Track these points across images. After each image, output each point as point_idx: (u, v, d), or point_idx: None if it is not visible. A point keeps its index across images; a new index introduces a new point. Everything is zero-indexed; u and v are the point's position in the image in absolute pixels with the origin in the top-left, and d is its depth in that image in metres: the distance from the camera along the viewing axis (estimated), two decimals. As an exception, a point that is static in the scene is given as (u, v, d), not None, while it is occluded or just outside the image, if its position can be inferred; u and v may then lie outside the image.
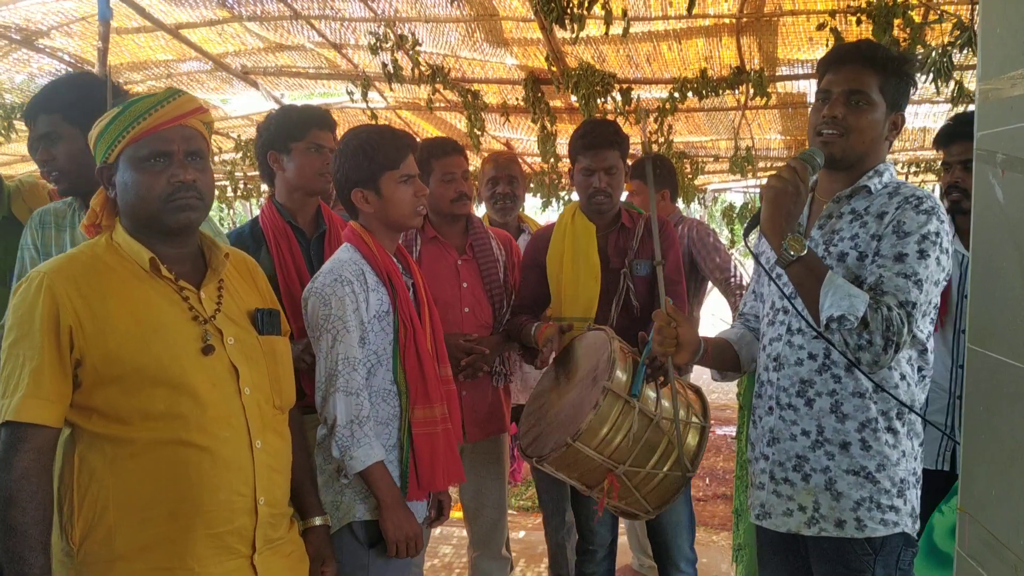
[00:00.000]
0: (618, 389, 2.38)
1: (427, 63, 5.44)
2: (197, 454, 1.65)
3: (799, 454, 2.04)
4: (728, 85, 5.35)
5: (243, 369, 1.75)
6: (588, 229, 2.94)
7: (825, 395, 2.00)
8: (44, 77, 5.97)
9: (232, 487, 1.68)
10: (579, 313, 2.88)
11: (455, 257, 3.07)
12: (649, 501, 2.49)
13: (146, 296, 1.70)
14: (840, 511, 1.98)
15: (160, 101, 1.72)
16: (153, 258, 1.72)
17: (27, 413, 1.58)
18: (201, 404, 1.66)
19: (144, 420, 1.63)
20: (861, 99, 1.97)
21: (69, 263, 1.70)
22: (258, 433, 1.74)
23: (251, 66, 5.96)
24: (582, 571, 3.01)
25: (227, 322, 1.77)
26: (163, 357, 1.65)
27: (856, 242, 1.96)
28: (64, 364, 1.62)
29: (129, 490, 1.63)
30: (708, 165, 8.47)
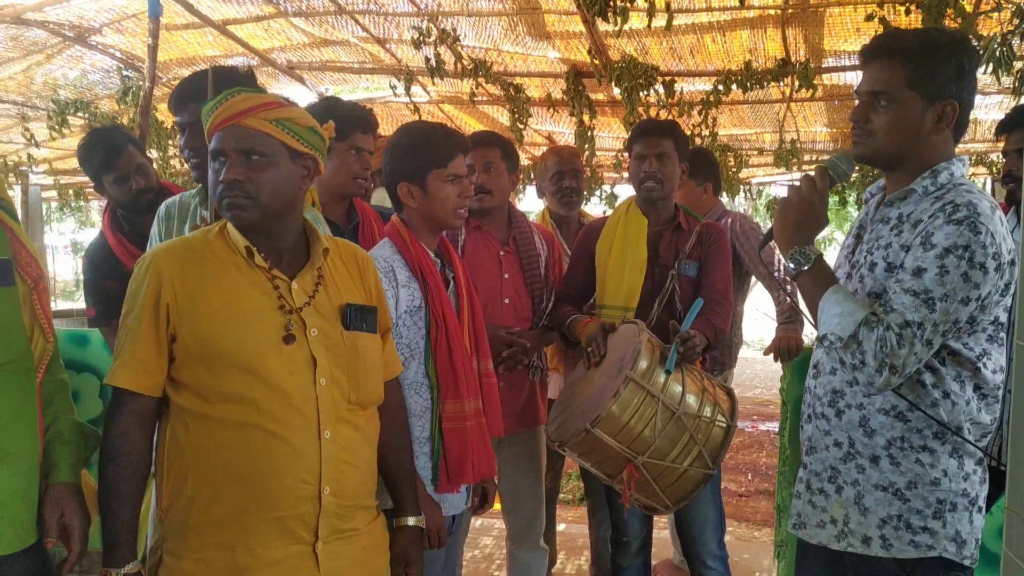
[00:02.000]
0: (640, 379, 2.38)
1: (469, 57, 5.46)
2: (266, 438, 1.69)
3: (833, 465, 1.97)
4: (773, 77, 5.28)
5: (321, 360, 1.78)
6: (640, 222, 2.94)
7: (854, 408, 1.92)
8: (96, 73, 6.13)
9: (297, 474, 1.71)
10: (619, 303, 2.88)
11: (498, 248, 3.08)
12: (668, 495, 2.49)
13: (239, 283, 1.77)
14: (867, 527, 1.89)
15: (219, 101, 1.77)
16: (248, 246, 1.78)
17: (121, 379, 1.71)
18: (275, 391, 1.71)
19: (221, 401, 1.70)
20: (883, 98, 1.86)
21: (179, 246, 1.81)
22: (328, 424, 1.76)
23: (296, 61, 6.04)
24: (617, 563, 3.02)
25: (314, 314, 1.80)
26: (245, 342, 1.71)
27: (888, 251, 1.87)
28: (161, 338, 1.72)
29: (204, 466, 1.70)
30: (752, 158, 8.37)
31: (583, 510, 5.11)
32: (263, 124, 1.76)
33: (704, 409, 2.47)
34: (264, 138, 1.76)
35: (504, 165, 3.08)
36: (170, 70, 6.07)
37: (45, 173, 8.94)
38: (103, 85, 6.38)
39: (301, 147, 1.80)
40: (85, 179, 10.08)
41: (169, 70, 6.06)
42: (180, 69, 6.10)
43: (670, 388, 2.43)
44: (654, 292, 2.87)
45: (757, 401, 9.61)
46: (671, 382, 2.44)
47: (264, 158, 1.76)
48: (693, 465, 2.45)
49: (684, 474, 2.46)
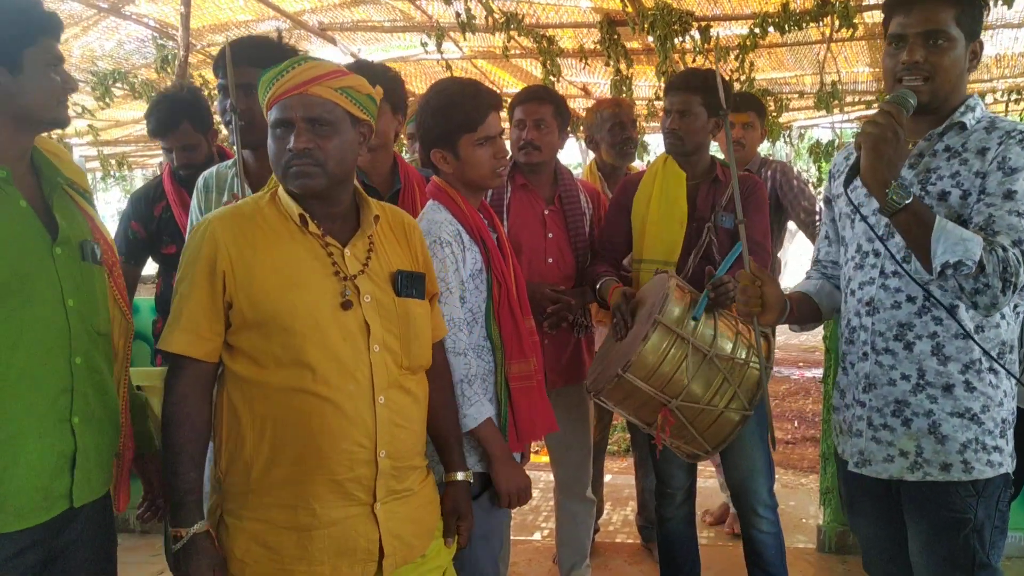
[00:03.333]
0: (669, 323, 2.39)
1: (500, 10, 5.41)
2: (320, 404, 1.72)
3: (899, 399, 2.00)
4: (812, 18, 5.16)
5: (375, 327, 1.80)
6: (679, 176, 2.91)
7: (926, 337, 1.95)
8: (132, 43, 6.18)
9: (352, 438, 1.74)
10: (660, 256, 2.87)
11: (543, 207, 3.08)
12: (707, 439, 2.50)
13: (293, 250, 1.78)
14: (946, 454, 1.94)
15: (282, 70, 1.76)
16: (302, 214, 1.79)
17: (178, 345, 1.74)
18: (330, 357, 1.73)
19: (277, 366, 1.72)
20: (941, 37, 1.87)
21: (233, 213, 1.82)
22: (382, 389, 1.79)
23: (328, 22, 6.03)
24: (662, 514, 3.04)
25: (367, 281, 1.82)
26: (298, 308, 1.73)
27: (958, 180, 1.89)
28: (217, 305, 1.74)
29: (261, 430, 1.74)
30: (793, 102, 8.21)
31: (629, 461, 5.17)
32: (329, 92, 1.77)
33: (738, 351, 2.47)
34: (331, 106, 1.77)
35: (555, 123, 3.07)
36: (203, 36, 6.10)
37: (88, 144, 9.07)
38: (139, 54, 6.44)
39: (362, 114, 1.83)
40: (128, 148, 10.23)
41: (203, 36, 6.09)
42: (213, 35, 6.13)
43: (701, 331, 2.43)
44: (690, 245, 2.85)
45: (803, 348, 9.56)
46: (703, 326, 2.44)
47: (330, 126, 1.77)
48: (729, 407, 2.46)
49: (721, 416, 2.47)
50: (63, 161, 1.90)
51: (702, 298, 2.46)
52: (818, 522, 3.93)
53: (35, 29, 1.72)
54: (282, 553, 1.74)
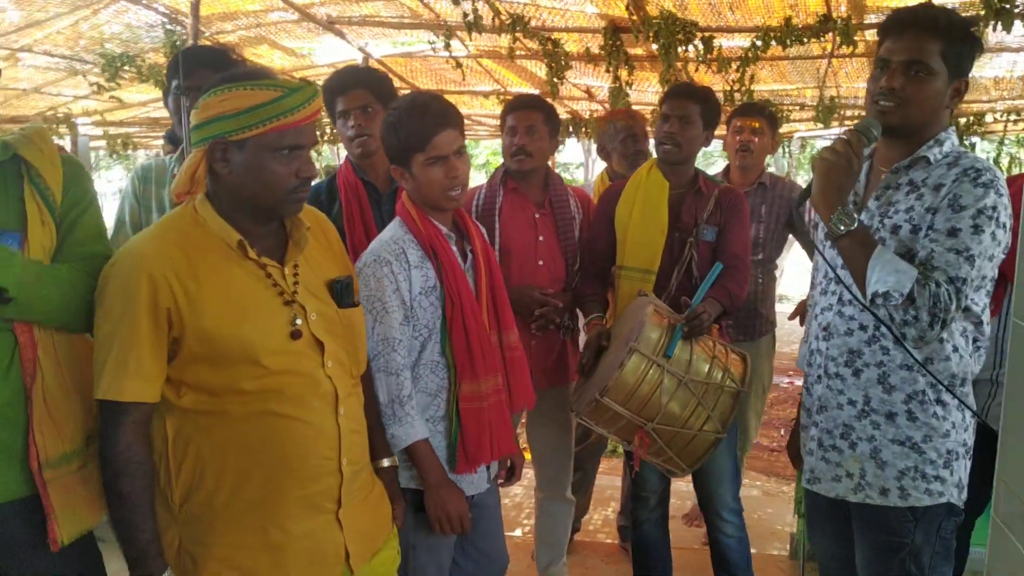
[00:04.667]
0: (646, 350, 2.46)
1: (507, 12, 5.46)
2: (288, 424, 1.74)
3: (846, 423, 2.07)
4: (813, 34, 5.21)
5: (328, 344, 1.82)
6: (662, 185, 2.96)
7: (873, 366, 2.01)
8: (141, 27, 6.22)
9: (320, 452, 1.79)
10: (641, 264, 2.92)
11: (533, 210, 3.15)
12: (682, 459, 2.57)
13: (235, 276, 1.74)
14: (884, 479, 2.01)
15: (308, 99, 1.74)
16: (241, 240, 1.75)
17: (130, 392, 1.67)
18: (290, 379, 1.75)
19: (236, 395, 1.71)
20: (921, 69, 1.91)
21: (160, 242, 1.72)
22: (342, 401, 1.83)
23: (336, 16, 6.07)
24: (636, 516, 3.12)
25: (308, 296, 1.83)
26: (254, 339, 1.71)
27: (911, 215, 1.94)
28: (161, 344, 1.68)
29: (224, 458, 1.73)
30: (794, 113, 8.27)
31: (615, 462, 5.25)
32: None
33: (713, 375, 2.54)
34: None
35: (546, 129, 3.13)
36: (212, 24, 6.14)
37: (94, 124, 9.13)
38: (149, 39, 6.48)
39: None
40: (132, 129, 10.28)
41: (211, 24, 6.13)
42: (222, 23, 6.17)
43: (678, 356, 2.50)
44: (674, 258, 2.90)
45: (792, 357, 9.61)
46: (679, 350, 2.50)
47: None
48: (703, 430, 2.53)
49: (695, 438, 2.54)
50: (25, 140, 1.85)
51: (677, 331, 2.52)
52: (792, 530, 4.01)
53: None
54: (257, 573, 1.76)
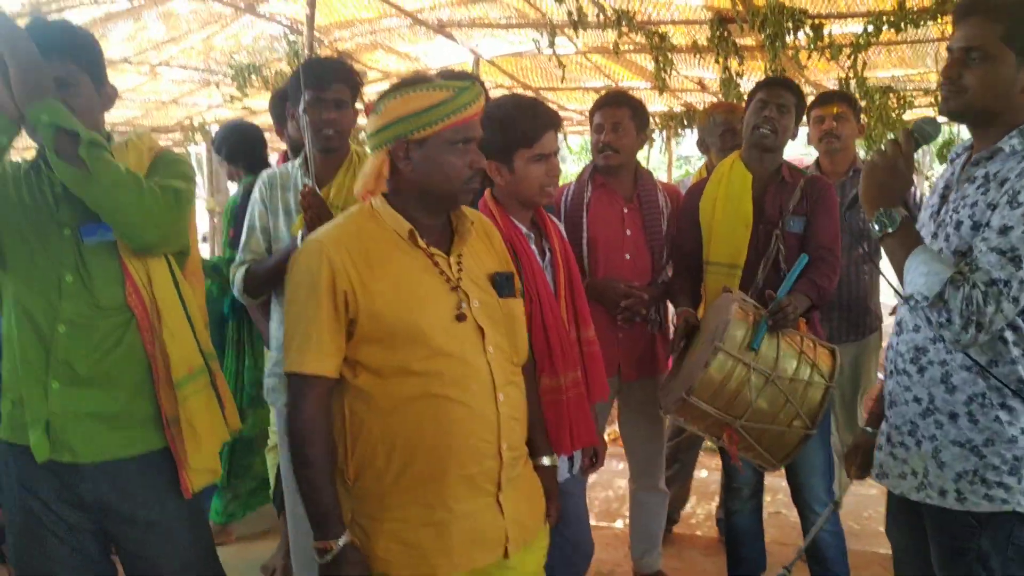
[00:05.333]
0: (731, 348, 2.47)
1: (612, 8, 5.49)
2: (451, 406, 1.84)
3: (912, 420, 2.02)
4: (930, 16, 5.01)
5: (488, 330, 1.92)
6: (744, 177, 2.96)
7: (936, 364, 1.96)
8: (266, 39, 6.60)
9: (480, 435, 1.87)
10: (726, 259, 2.93)
11: (621, 205, 3.21)
12: (772, 454, 2.57)
13: (405, 264, 1.89)
14: (944, 481, 1.95)
15: (477, 95, 1.89)
16: (412, 230, 1.90)
17: (311, 365, 1.83)
18: (454, 362, 1.86)
19: (404, 375, 1.84)
20: (977, 54, 1.86)
21: (340, 232, 1.90)
22: (501, 387, 1.91)
23: (446, 19, 6.26)
24: (728, 507, 3.13)
25: (472, 286, 1.94)
26: (421, 322, 1.84)
27: (974, 210, 1.88)
28: (340, 323, 1.84)
29: (393, 437, 1.85)
30: (918, 98, 7.91)
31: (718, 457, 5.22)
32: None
33: (801, 371, 2.53)
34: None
35: (632, 125, 3.18)
36: (330, 33, 6.44)
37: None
38: (274, 49, 6.86)
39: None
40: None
41: (329, 33, 6.43)
42: (340, 31, 6.47)
43: (764, 353, 2.50)
44: (759, 251, 2.89)
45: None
46: (765, 347, 2.50)
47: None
48: (791, 426, 2.52)
49: (784, 435, 2.54)
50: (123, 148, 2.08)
51: (761, 325, 2.52)
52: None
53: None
54: (423, 548, 1.87)
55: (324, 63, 2.68)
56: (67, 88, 1.97)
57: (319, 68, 2.63)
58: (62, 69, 1.97)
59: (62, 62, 1.98)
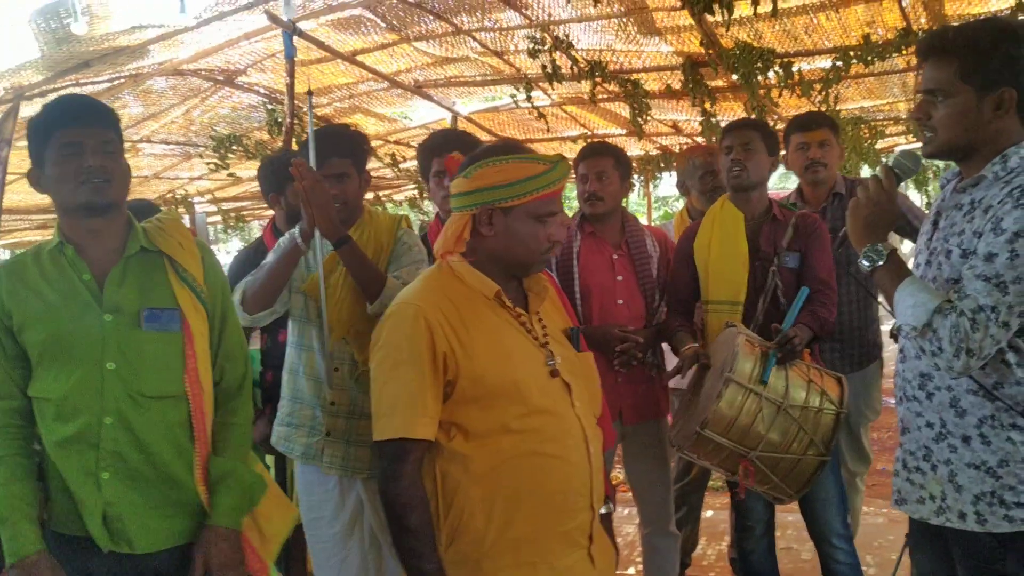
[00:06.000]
0: (741, 379, 2.50)
1: (585, 59, 5.61)
2: (551, 462, 1.86)
3: (926, 444, 2.04)
4: (895, 48, 5.16)
5: (574, 385, 1.96)
6: (737, 217, 3.02)
7: (944, 389, 1.98)
8: (245, 109, 6.67)
9: (576, 489, 1.89)
10: (727, 297, 2.96)
11: (611, 252, 3.25)
12: (788, 484, 2.59)
13: (496, 324, 1.92)
14: (962, 503, 1.96)
15: (566, 172, 1.95)
16: (499, 291, 1.93)
17: (418, 430, 1.82)
18: (551, 418, 1.88)
19: (503, 434, 1.84)
20: (939, 94, 1.93)
21: (431, 293, 1.91)
22: (590, 440, 1.94)
23: (423, 80, 6.36)
24: (741, 547, 3.12)
25: (554, 343, 1.99)
26: (518, 379, 1.86)
27: (962, 238, 1.92)
28: (439, 386, 1.84)
29: (492, 498, 1.83)
30: (888, 127, 8.09)
31: (725, 496, 5.19)
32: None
33: (811, 399, 2.56)
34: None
35: (616, 173, 3.24)
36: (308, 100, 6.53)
37: (208, 201, 9.75)
38: (252, 119, 6.94)
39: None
40: (244, 203, 10.91)
41: (307, 100, 6.51)
42: (318, 98, 6.55)
43: (773, 384, 2.54)
44: (757, 287, 2.93)
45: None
46: (774, 378, 2.54)
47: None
48: (807, 454, 2.55)
49: (799, 463, 2.57)
50: (164, 233, 2.10)
51: (770, 358, 2.56)
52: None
53: (48, 127, 1.96)
54: None
55: (323, 138, 2.62)
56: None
57: (318, 144, 2.58)
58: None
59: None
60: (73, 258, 2.00)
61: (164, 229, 2.13)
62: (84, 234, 2.02)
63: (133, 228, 2.09)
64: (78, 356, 1.95)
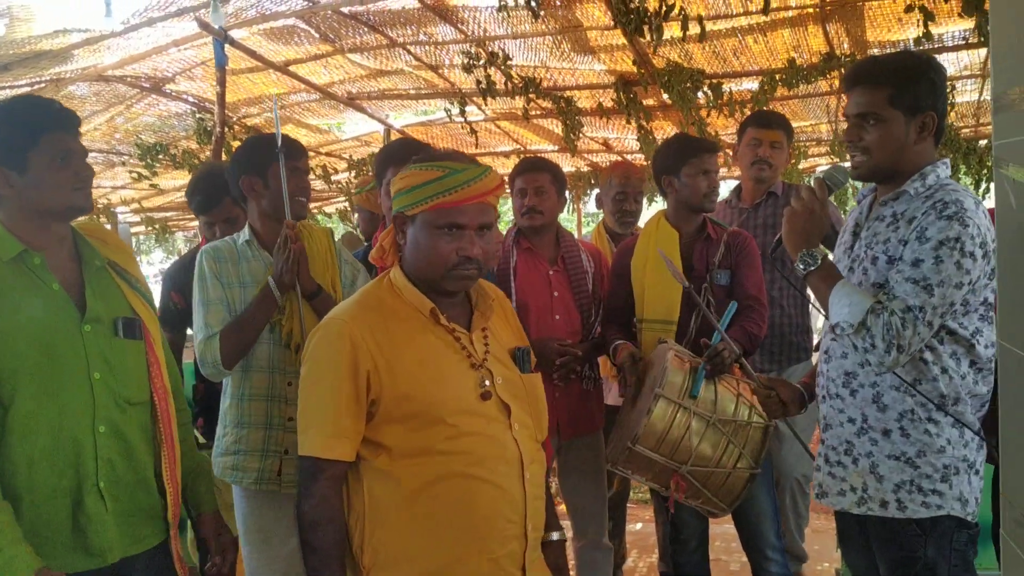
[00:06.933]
0: (671, 394, 2.55)
1: (519, 75, 5.65)
2: (479, 486, 1.79)
3: (848, 439, 2.17)
4: (819, 73, 5.34)
5: (513, 407, 1.88)
6: (671, 235, 3.07)
7: (867, 387, 2.13)
8: (172, 118, 6.53)
9: (507, 515, 1.82)
10: (660, 316, 3.01)
11: (546, 268, 3.26)
12: (720, 498, 2.64)
13: (428, 342, 1.84)
14: (883, 492, 2.10)
15: (470, 179, 1.81)
16: (434, 309, 1.86)
17: (328, 450, 1.77)
18: (482, 440, 1.81)
19: (429, 455, 1.78)
20: (871, 118, 2.08)
21: (361, 310, 1.85)
22: (528, 465, 1.86)
23: (356, 92, 6.32)
24: (675, 560, 3.15)
25: (495, 363, 1.91)
26: (447, 401, 1.80)
27: (887, 246, 2.08)
28: (360, 404, 1.78)
29: (417, 521, 1.78)
30: (811, 148, 8.35)
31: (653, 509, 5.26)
32: (495, 200, 1.90)
33: (740, 412, 2.62)
34: (493, 213, 1.90)
35: (553, 188, 3.26)
36: (239, 109, 6.43)
37: (133, 211, 9.50)
38: (179, 127, 6.79)
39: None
40: (169, 214, 10.66)
41: (238, 109, 6.42)
42: (248, 108, 6.46)
43: (703, 397, 2.59)
44: (690, 305, 2.97)
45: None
46: (704, 391, 2.59)
47: (490, 231, 1.89)
48: (737, 467, 2.60)
49: (730, 476, 2.62)
50: (107, 244, 2.10)
51: (699, 372, 2.61)
52: (838, 566, 3.99)
53: (35, 130, 1.90)
54: None
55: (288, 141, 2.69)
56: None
57: (289, 140, 2.68)
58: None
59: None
60: (40, 267, 1.93)
61: (103, 239, 2.11)
62: (52, 242, 1.97)
63: (84, 240, 2.04)
64: (66, 368, 1.90)
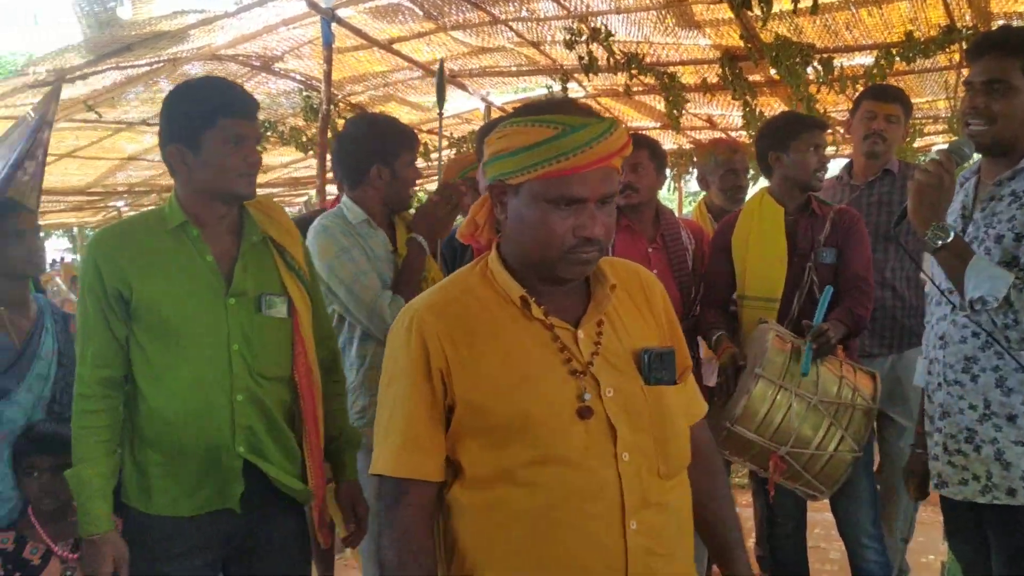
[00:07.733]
0: (771, 375, 2.50)
1: (621, 51, 5.59)
2: (558, 531, 1.39)
3: (969, 427, 2.09)
4: (938, 46, 5.10)
5: (622, 429, 1.44)
6: (776, 211, 2.99)
7: (990, 371, 2.05)
8: (280, 95, 6.72)
9: (594, 570, 1.40)
10: (763, 293, 2.93)
11: (645, 245, 3.22)
12: (820, 481, 2.57)
13: (518, 339, 1.45)
14: (1011, 480, 2.02)
15: (593, 138, 1.38)
16: (524, 296, 1.46)
17: (400, 467, 1.44)
18: (569, 472, 1.40)
19: (504, 485, 1.41)
20: (1000, 86, 2.01)
21: (440, 297, 1.51)
22: (634, 511, 1.41)
23: (458, 69, 6.37)
24: (773, 544, 3.10)
25: (606, 368, 1.47)
26: (532, 414, 1.41)
27: (1013, 223, 2.01)
28: (438, 411, 1.45)
29: (487, 559, 1.43)
30: (927, 126, 7.99)
31: (749, 495, 5.16)
32: (619, 162, 1.45)
33: (843, 394, 2.55)
34: (618, 179, 1.46)
35: (651, 165, 3.20)
36: (344, 87, 6.56)
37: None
38: (287, 105, 6.99)
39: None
40: (277, 190, 10.98)
41: (343, 87, 6.55)
42: (353, 86, 6.59)
43: (804, 379, 2.52)
44: (793, 283, 2.90)
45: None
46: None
47: (613, 202, 1.45)
48: (839, 449, 2.54)
49: (831, 459, 2.55)
50: (271, 219, 2.13)
51: (806, 352, 2.54)
52: (944, 559, 3.84)
53: (214, 112, 1.93)
54: None
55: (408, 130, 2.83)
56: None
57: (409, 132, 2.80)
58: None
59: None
60: (197, 239, 2.02)
61: (270, 216, 2.15)
62: (213, 218, 2.04)
63: (249, 215, 2.10)
64: (204, 336, 1.98)
